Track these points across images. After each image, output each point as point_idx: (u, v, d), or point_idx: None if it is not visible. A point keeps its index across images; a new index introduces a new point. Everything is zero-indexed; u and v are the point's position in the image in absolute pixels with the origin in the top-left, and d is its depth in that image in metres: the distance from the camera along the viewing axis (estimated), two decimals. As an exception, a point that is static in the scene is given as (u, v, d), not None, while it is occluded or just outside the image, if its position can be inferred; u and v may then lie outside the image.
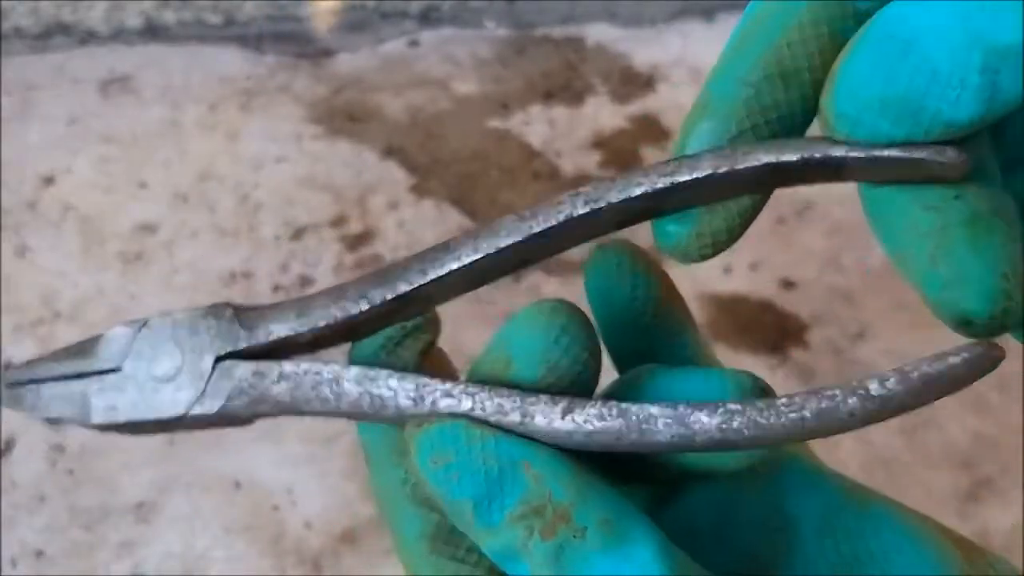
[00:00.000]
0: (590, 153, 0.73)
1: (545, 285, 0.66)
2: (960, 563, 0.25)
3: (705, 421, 0.23)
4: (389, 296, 0.26)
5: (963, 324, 0.21)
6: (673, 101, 0.77)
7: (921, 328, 0.34)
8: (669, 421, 0.23)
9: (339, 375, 0.26)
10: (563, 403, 0.24)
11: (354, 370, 0.26)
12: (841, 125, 0.22)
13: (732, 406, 0.23)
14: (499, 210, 0.69)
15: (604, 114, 0.76)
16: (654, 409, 0.23)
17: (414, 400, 0.25)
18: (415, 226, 0.70)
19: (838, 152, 0.22)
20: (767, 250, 0.68)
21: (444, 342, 0.29)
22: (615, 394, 0.27)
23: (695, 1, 0.82)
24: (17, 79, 0.76)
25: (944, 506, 0.58)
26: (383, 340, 0.27)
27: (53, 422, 0.28)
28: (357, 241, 0.69)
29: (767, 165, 0.23)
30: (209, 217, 0.70)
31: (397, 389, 0.25)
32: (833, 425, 0.22)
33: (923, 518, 0.27)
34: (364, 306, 0.26)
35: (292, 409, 0.27)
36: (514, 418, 0.24)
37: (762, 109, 0.24)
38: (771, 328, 0.65)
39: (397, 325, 0.27)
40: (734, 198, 0.25)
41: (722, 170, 0.24)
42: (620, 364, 0.28)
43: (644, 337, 0.28)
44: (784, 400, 0.23)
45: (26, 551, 0.57)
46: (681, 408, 0.23)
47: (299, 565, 0.56)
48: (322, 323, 0.26)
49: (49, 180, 0.71)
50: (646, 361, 0.27)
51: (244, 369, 0.27)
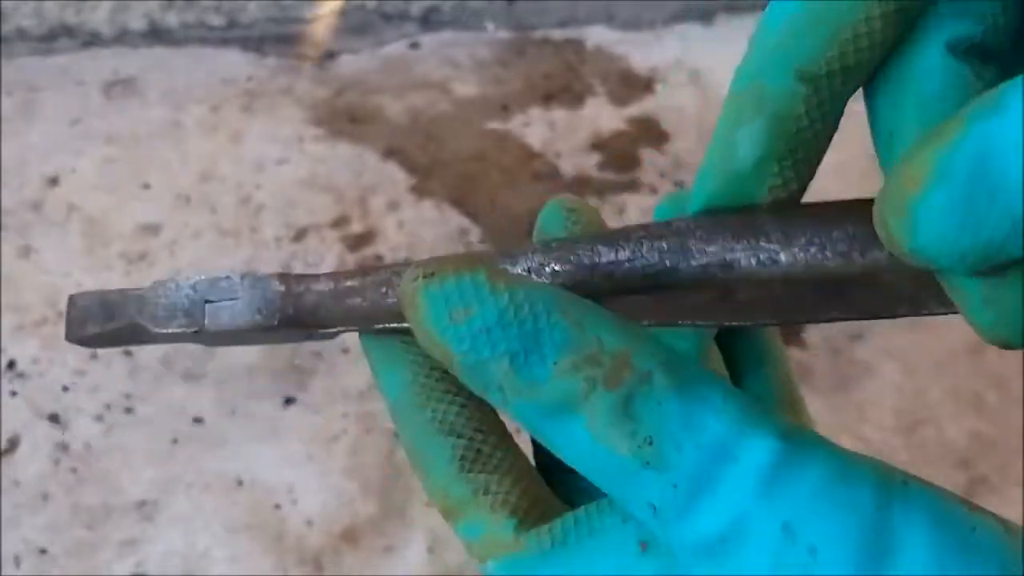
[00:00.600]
0: (590, 155, 0.74)
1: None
2: None
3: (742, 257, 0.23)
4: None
5: (1003, 347, 0.21)
6: (672, 103, 0.77)
7: (920, 329, 0.35)
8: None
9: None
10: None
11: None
12: (915, 259, 0.19)
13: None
14: (499, 211, 0.69)
15: (603, 116, 0.76)
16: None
17: None
18: (416, 226, 0.70)
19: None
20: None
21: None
22: None
23: (694, 3, 0.83)
24: (20, 80, 0.77)
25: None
26: None
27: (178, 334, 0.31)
28: (358, 242, 0.69)
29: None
30: (211, 218, 0.70)
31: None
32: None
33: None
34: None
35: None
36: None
37: (820, 106, 0.22)
38: (769, 328, 0.66)
39: None
40: None
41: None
42: None
43: None
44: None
45: (29, 549, 0.57)
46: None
47: (300, 564, 0.57)
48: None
49: (53, 181, 0.72)
50: None
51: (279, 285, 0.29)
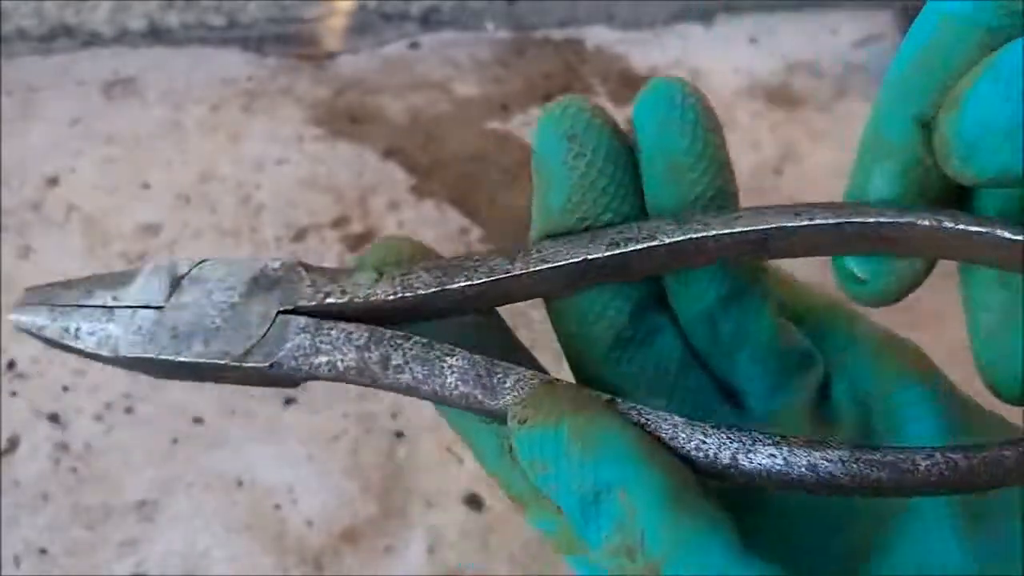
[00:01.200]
0: (590, 155, 0.74)
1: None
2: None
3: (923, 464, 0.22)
4: (487, 277, 0.24)
5: (994, 394, 0.22)
6: (672, 103, 0.77)
7: (920, 328, 0.35)
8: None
9: (401, 343, 0.24)
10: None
11: (421, 340, 0.24)
12: (957, 149, 0.21)
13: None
14: (499, 211, 0.69)
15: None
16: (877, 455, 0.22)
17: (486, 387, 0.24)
18: (416, 226, 0.70)
19: (1005, 234, 0.22)
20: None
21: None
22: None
23: (694, 3, 0.83)
24: (20, 80, 0.77)
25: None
26: (458, 325, 0.26)
27: (65, 348, 0.27)
28: (358, 242, 0.69)
29: (878, 223, 0.24)
30: (211, 218, 0.70)
31: (467, 369, 0.24)
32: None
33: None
34: (463, 282, 0.24)
35: (343, 376, 0.25)
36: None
37: None
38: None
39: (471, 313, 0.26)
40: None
41: (853, 219, 0.24)
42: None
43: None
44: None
45: (29, 550, 0.57)
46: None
47: (300, 564, 0.57)
48: (401, 293, 0.24)
49: (53, 181, 0.72)
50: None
51: (303, 325, 0.25)
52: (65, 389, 0.62)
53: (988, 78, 0.20)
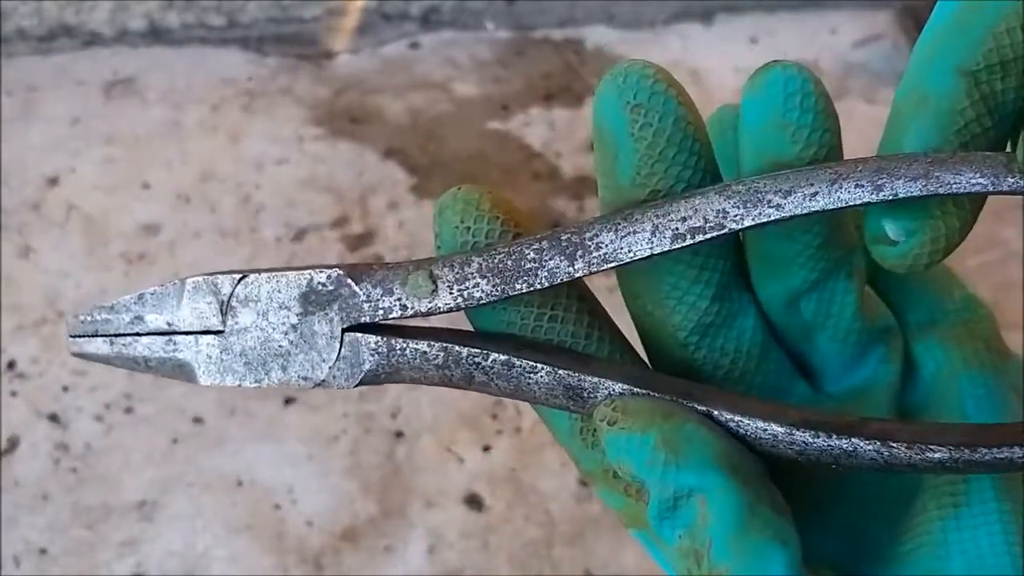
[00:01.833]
0: (590, 155, 0.74)
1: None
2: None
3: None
4: (549, 282, 0.23)
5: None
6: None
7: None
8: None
9: (480, 363, 0.24)
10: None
11: (500, 357, 0.24)
12: None
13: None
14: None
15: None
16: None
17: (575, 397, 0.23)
18: (416, 226, 0.70)
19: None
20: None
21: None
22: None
23: (694, 3, 0.83)
24: (20, 80, 0.77)
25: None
26: (532, 309, 0.24)
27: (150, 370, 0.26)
28: (358, 241, 0.69)
29: (971, 193, 0.21)
30: (211, 218, 0.70)
31: (553, 386, 0.23)
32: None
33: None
34: (523, 288, 0.23)
35: (429, 383, 0.25)
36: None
37: (983, 100, 0.22)
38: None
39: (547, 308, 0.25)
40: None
41: (940, 191, 0.22)
42: None
43: None
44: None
45: (29, 549, 0.57)
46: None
47: (300, 564, 0.57)
48: (462, 304, 0.24)
49: (53, 181, 0.72)
50: None
51: (375, 345, 0.24)
52: (65, 389, 0.62)
53: None
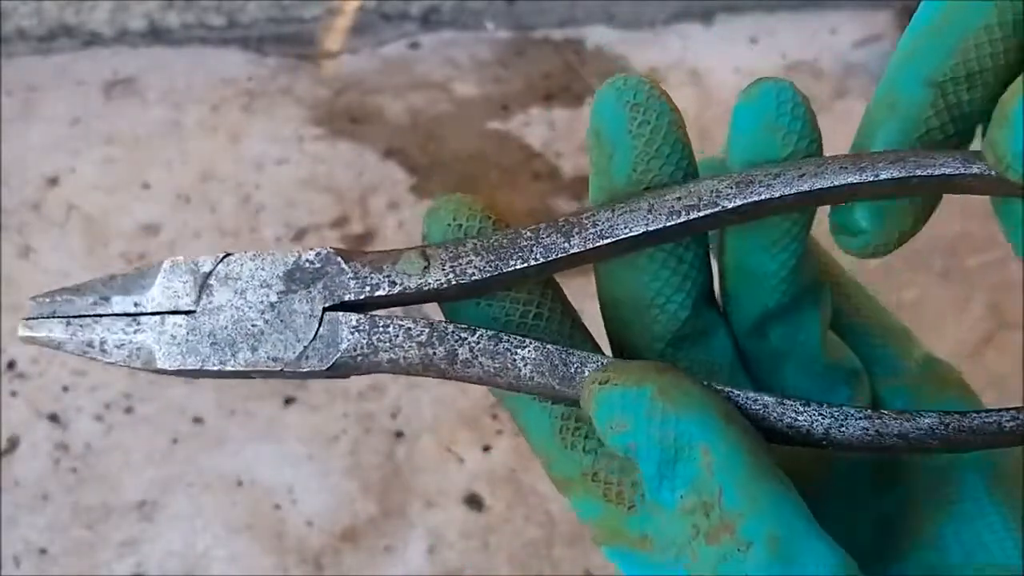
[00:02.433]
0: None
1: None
2: None
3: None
4: (544, 258, 0.23)
5: None
6: (672, 103, 0.77)
7: (920, 328, 0.35)
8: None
9: (467, 338, 0.23)
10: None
11: (487, 332, 0.23)
12: (1016, 164, 0.21)
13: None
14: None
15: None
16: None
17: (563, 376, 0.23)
18: (416, 226, 0.70)
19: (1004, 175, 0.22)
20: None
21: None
22: None
23: (694, 3, 0.83)
24: (20, 80, 0.77)
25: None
26: (518, 306, 0.24)
27: (95, 357, 0.24)
28: (358, 242, 0.69)
29: (944, 176, 0.22)
30: (211, 218, 0.70)
31: (541, 361, 0.23)
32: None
33: None
34: (518, 264, 0.23)
35: (406, 370, 0.24)
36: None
37: (948, 109, 0.24)
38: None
39: (525, 291, 0.25)
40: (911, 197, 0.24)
41: (918, 173, 0.22)
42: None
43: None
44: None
45: (29, 549, 0.57)
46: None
47: (300, 564, 0.57)
48: (454, 280, 0.23)
49: (53, 181, 0.72)
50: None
51: (356, 323, 0.23)
52: (65, 389, 0.62)
53: None
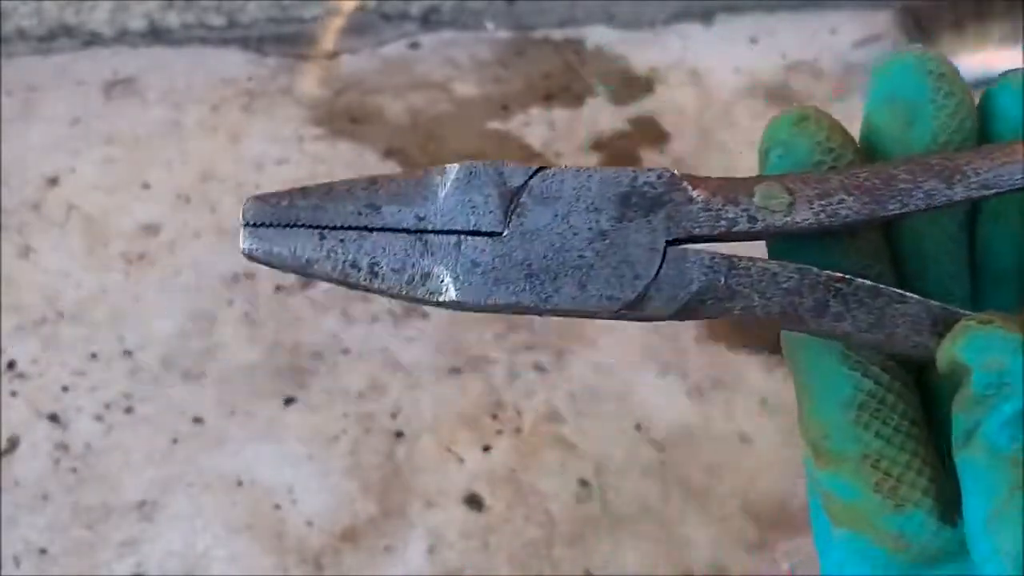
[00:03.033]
0: (590, 154, 0.74)
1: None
2: None
3: None
4: (926, 203, 0.20)
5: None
6: (672, 103, 0.77)
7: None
8: None
9: (841, 288, 0.20)
10: None
11: (865, 283, 0.20)
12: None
13: None
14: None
15: (603, 116, 0.76)
16: None
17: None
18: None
19: None
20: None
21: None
22: None
23: (694, 3, 0.83)
24: (20, 80, 0.77)
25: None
26: (862, 257, 0.22)
27: (348, 285, 0.19)
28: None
29: None
30: (211, 218, 0.70)
31: (922, 318, 0.20)
32: None
33: None
34: (896, 208, 0.20)
35: (758, 319, 0.20)
36: None
37: None
38: (769, 328, 0.66)
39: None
40: None
41: None
42: None
43: None
44: None
45: (29, 549, 0.57)
46: None
47: (300, 564, 0.57)
48: (826, 222, 0.20)
49: (53, 181, 0.72)
50: None
51: (710, 263, 0.20)
52: (65, 389, 0.62)
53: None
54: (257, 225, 0.19)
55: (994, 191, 0.21)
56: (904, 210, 0.20)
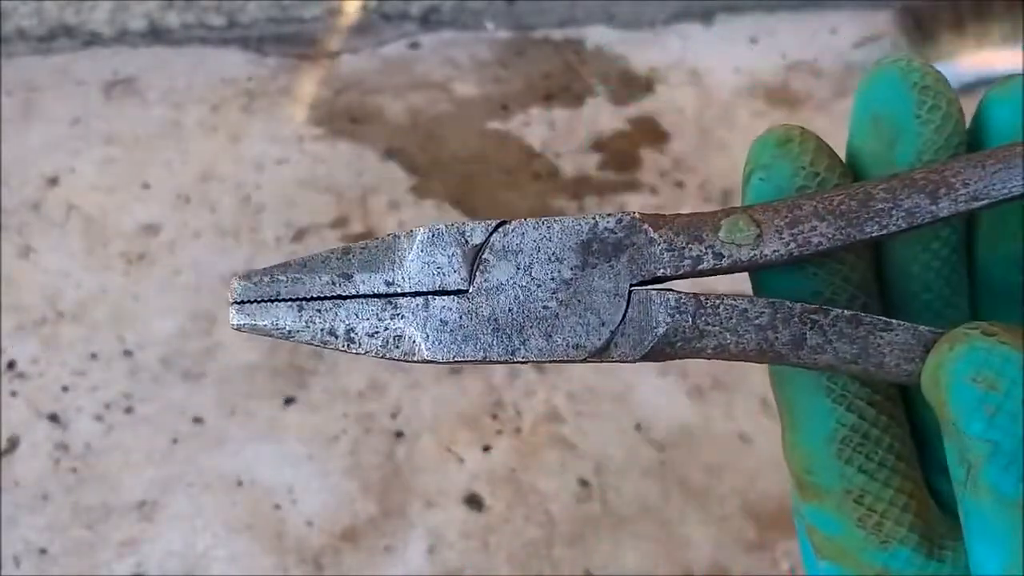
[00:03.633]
0: (590, 154, 0.74)
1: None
2: None
3: None
4: (907, 223, 0.19)
5: None
6: (672, 103, 0.77)
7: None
8: None
9: (818, 320, 0.20)
10: None
11: (844, 313, 0.20)
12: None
13: None
14: (499, 210, 0.69)
15: (603, 116, 0.76)
16: None
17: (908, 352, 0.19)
18: (416, 226, 0.70)
19: None
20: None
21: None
22: None
23: (694, 3, 0.83)
24: (20, 80, 0.77)
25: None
26: (847, 284, 0.21)
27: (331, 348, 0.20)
28: (358, 242, 0.69)
29: None
30: (211, 218, 0.70)
31: (912, 346, 0.19)
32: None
33: None
34: (875, 231, 0.19)
35: (735, 356, 0.20)
36: None
37: None
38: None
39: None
40: None
41: None
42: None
43: None
44: None
45: (29, 549, 0.57)
46: None
47: (300, 564, 0.57)
48: (796, 252, 0.19)
49: (53, 181, 0.72)
50: None
51: (676, 303, 0.19)
52: (65, 389, 0.62)
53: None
54: (243, 302, 0.20)
55: (985, 202, 0.20)
56: (884, 232, 0.19)
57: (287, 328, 0.20)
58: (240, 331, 0.20)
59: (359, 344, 0.20)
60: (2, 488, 0.59)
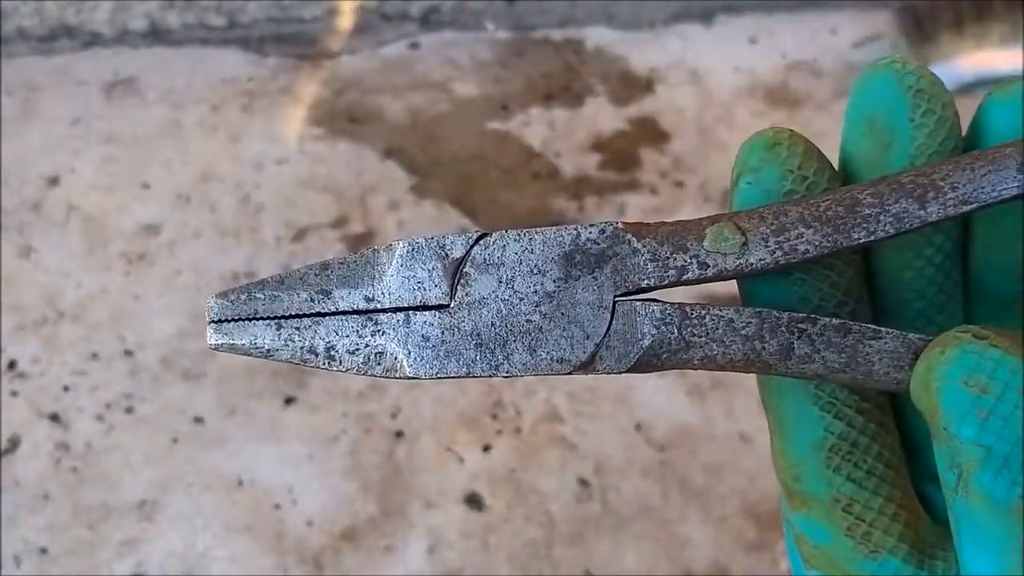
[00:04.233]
0: (590, 154, 0.74)
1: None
2: None
3: None
4: (895, 229, 0.19)
5: None
6: (671, 103, 0.77)
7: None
8: None
9: (806, 329, 0.19)
10: None
11: (832, 322, 0.19)
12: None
13: None
14: (499, 210, 0.69)
15: (603, 116, 0.76)
16: None
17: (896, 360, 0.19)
18: (416, 226, 0.70)
19: None
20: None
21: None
22: None
23: (694, 3, 0.83)
24: (20, 80, 0.77)
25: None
26: (836, 291, 0.21)
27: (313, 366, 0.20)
28: (358, 241, 0.69)
29: None
30: (211, 218, 0.70)
31: (901, 354, 0.19)
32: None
33: None
34: (862, 237, 0.19)
35: (721, 367, 0.20)
36: None
37: None
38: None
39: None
40: None
41: None
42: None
43: None
44: None
45: (29, 549, 0.57)
46: None
47: (300, 564, 0.57)
48: (783, 260, 0.19)
49: (53, 181, 0.72)
50: None
51: (661, 315, 0.19)
52: (65, 389, 0.62)
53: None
54: (220, 321, 0.20)
55: (974, 206, 0.19)
56: (872, 238, 0.19)
57: (266, 347, 0.20)
58: (218, 351, 0.20)
59: (340, 362, 0.20)
60: (2, 488, 0.59)
